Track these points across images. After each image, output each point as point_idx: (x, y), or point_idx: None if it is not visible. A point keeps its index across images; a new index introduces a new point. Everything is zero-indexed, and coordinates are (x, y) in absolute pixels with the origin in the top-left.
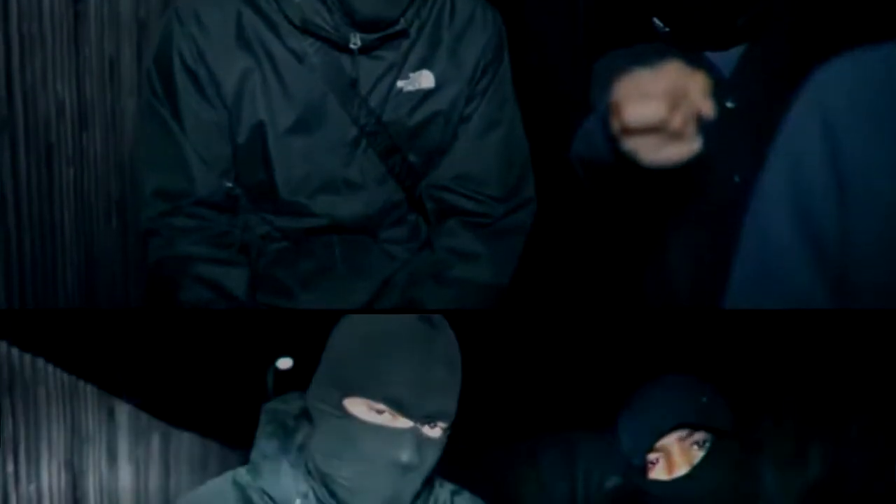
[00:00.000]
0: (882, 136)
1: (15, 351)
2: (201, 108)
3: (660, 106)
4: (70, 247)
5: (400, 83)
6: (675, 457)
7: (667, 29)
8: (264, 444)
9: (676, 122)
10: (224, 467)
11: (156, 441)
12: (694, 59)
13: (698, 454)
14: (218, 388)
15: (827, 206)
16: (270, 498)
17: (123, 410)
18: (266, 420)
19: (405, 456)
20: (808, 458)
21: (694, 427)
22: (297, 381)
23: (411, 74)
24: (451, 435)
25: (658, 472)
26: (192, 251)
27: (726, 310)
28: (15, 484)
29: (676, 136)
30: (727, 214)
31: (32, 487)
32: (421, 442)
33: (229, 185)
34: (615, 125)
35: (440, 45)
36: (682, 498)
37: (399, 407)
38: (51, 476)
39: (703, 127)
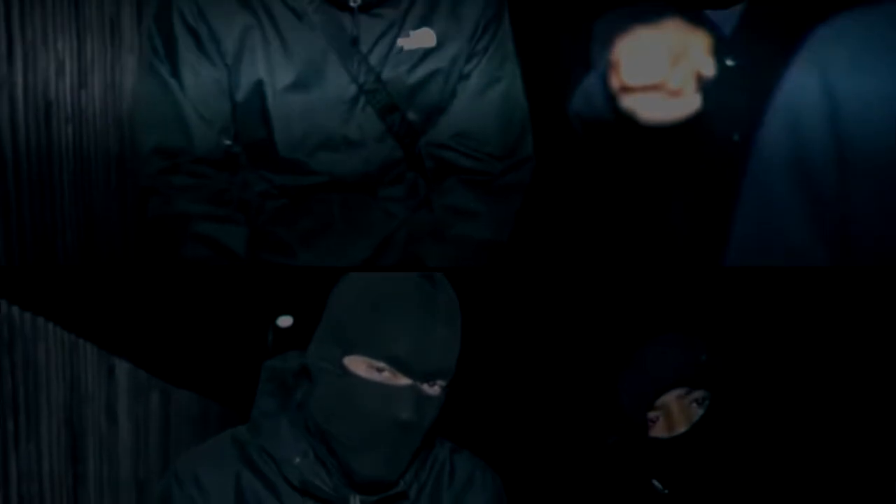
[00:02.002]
0: (881, 94)
1: (15, 309)
2: (201, 65)
3: (659, 64)
4: (69, 204)
5: (400, 41)
6: (675, 415)
7: None
8: (264, 402)
9: (676, 80)
10: (224, 425)
11: (155, 399)
12: (694, 17)
13: (698, 412)
14: (218, 346)
15: (825, 164)
16: (270, 456)
17: (123, 368)
18: (266, 378)
19: (405, 414)
20: (808, 416)
21: (693, 385)
22: (297, 339)
23: (412, 32)
24: (451, 393)
25: (658, 430)
26: (190, 209)
27: (726, 267)
28: (14, 441)
29: (676, 94)
30: (726, 172)
31: (32, 445)
32: (420, 400)
33: (228, 142)
34: (615, 83)
35: (440, 3)
36: (681, 455)
37: (399, 365)
38: (50, 434)
39: (703, 85)
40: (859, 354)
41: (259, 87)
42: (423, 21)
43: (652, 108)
